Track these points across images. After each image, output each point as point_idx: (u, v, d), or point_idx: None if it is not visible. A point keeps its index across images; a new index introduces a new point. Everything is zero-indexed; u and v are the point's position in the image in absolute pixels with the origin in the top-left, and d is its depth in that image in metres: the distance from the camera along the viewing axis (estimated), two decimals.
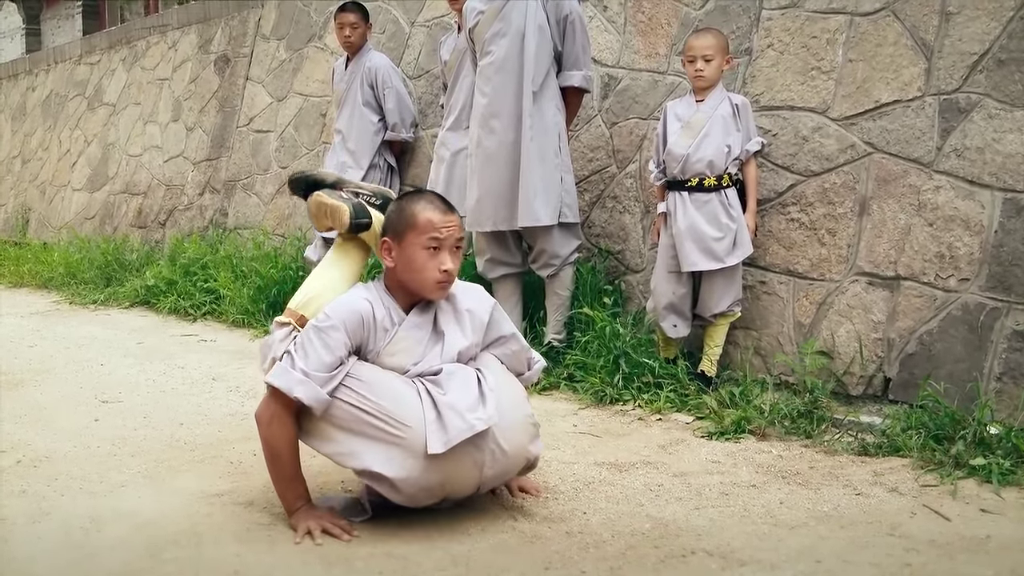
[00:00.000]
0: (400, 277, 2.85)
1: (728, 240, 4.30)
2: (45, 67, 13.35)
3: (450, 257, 2.80)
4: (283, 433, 2.73)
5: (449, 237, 2.79)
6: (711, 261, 4.30)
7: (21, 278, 9.68)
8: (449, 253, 2.80)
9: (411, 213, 2.80)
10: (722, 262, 4.29)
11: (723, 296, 4.36)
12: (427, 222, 2.78)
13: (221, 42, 9.55)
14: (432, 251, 2.78)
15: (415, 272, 2.80)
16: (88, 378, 4.96)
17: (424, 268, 2.78)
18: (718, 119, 4.36)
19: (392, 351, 2.81)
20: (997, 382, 3.70)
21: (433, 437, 2.62)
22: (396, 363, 2.80)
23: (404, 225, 2.81)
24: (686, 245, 4.33)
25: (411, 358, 2.81)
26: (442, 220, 2.79)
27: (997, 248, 3.82)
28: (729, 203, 4.33)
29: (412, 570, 2.48)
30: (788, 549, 2.61)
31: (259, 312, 6.57)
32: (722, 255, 4.29)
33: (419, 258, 2.78)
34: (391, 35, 7.37)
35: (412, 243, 2.78)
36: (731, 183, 4.36)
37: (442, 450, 2.60)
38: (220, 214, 8.87)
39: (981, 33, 4.02)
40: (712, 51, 4.34)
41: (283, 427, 2.72)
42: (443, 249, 2.79)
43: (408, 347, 2.82)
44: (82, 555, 2.57)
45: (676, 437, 3.81)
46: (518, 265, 4.99)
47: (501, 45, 4.77)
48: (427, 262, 2.78)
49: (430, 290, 2.82)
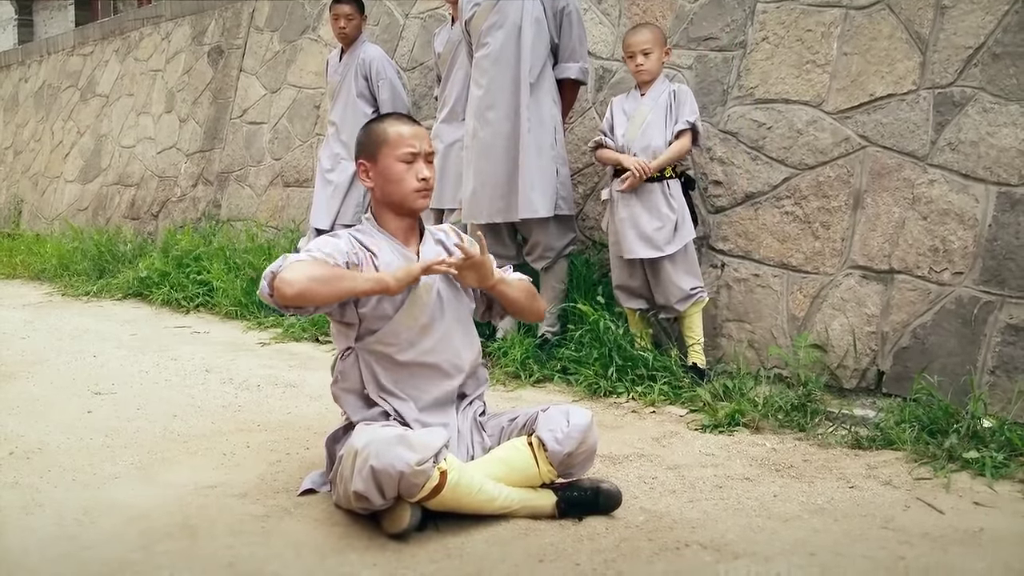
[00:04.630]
0: (381, 196, 2.93)
1: (668, 230, 4.38)
2: (38, 58, 13.29)
3: (426, 167, 2.89)
4: (300, 268, 2.65)
5: (422, 149, 2.89)
6: (650, 250, 4.39)
7: (14, 269, 9.65)
8: (424, 163, 2.89)
9: (381, 131, 2.91)
10: (661, 251, 4.38)
11: (677, 283, 4.40)
12: (398, 135, 2.88)
13: (215, 33, 9.52)
14: (408, 164, 2.87)
15: (394, 184, 2.88)
16: (81, 370, 4.94)
17: (403, 179, 2.88)
18: (659, 110, 4.47)
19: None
20: (990, 375, 3.70)
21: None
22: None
23: (376, 143, 2.90)
24: (627, 234, 4.44)
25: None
26: (412, 132, 2.90)
27: (991, 242, 3.82)
28: (671, 194, 4.42)
29: (407, 561, 2.48)
30: (782, 542, 2.61)
31: (252, 304, 6.56)
32: (661, 244, 4.38)
33: (396, 170, 2.87)
34: (385, 27, 7.35)
35: (387, 157, 2.88)
36: (674, 174, 4.45)
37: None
38: (213, 206, 8.84)
39: (976, 27, 4.02)
40: (650, 45, 4.46)
41: (296, 269, 2.64)
42: (418, 159, 2.88)
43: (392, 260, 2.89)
44: (75, 547, 2.56)
45: (670, 430, 3.81)
46: (512, 257, 4.99)
47: (497, 37, 4.76)
48: (405, 174, 2.87)
49: (412, 199, 2.90)
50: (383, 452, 2.52)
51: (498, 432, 2.97)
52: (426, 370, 2.91)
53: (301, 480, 3.07)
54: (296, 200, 7.86)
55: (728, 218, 4.74)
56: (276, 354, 5.41)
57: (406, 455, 2.51)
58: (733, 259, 4.69)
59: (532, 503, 2.77)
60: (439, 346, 2.93)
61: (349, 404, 2.94)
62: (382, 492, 2.55)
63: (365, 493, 2.55)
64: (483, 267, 2.87)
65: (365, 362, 2.90)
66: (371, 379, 2.89)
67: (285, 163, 8.12)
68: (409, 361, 2.88)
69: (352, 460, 2.60)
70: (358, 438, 2.64)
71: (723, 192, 4.77)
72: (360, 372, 2.91)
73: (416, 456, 2.51)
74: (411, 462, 2.50)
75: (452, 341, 2.96)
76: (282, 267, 2.66)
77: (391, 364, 2.88)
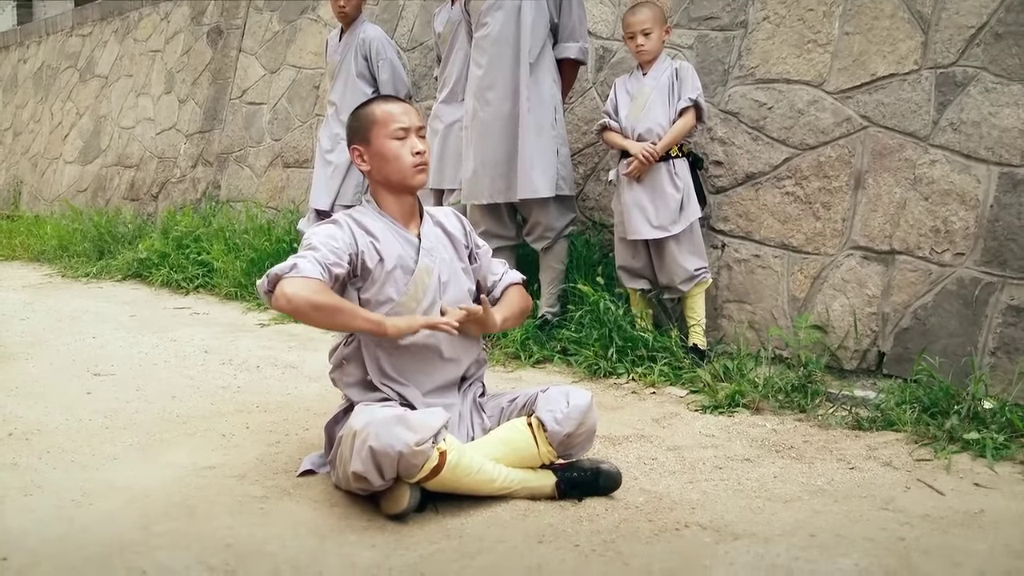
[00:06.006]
0: (379, 177, 2.93)
1: (673, 209, 4.36)
2: (37, 39, 13.24)
3: (419, 141, 2.91)
4: (304, 288, 2.63)
5: (412, 124, 2.90)
6: (655, 230, 4.37)
7: (13, 251, 9.64)
8: (417, 137, 2.91)
9: (369, 113, 2.93)
10: (666, 231, 4.37)
11: (682, 263, 4.38)
12: (386, 114, 2.90)
13: (214, 14, 9.47)
14: (401, 140, 2.88)
15: (391, 163, 2.89)
16: (80, 351, 4.94)
17: (398, 156, 2.88)
18: (662, 89, 4.44)
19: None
20: (991, 357, 3.69)
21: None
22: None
23: (366, 126, 2.91)
24: (632, 214, 4.43)
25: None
26: (400, 108, 2.92)
27: (992, 222, 3.81)
28: (676, 173, 4.40)
29: (405, 542, 2.47)
30: (782, 523, 2.61)
31: (252, 285, 6.54)
32: (666, 224, 4.36)
33: (390, 148, 2.89)
34: (385, 7, 7.32)
35: (379, 137, 2.89)
36: (680, 154, 4.42)
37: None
38: (213, 187, 8.82)
39: (978, 6, 3.99)
40: (649, 24, 4.44)
41: (300, 287, 2.63)
42: (410, 134, 2.89)
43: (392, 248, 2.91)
44: (74, 528, 2.56)
45: (670, 411, 3.80)
46: (512, 238, 4.98)
47: (497, 17, 4.74)
48: (399, 150, 2.89)
49: (410, 176, 2.90)
50: (382, 432, 2.52)
51: (498, 413, 2.97)
52: (428, 353, 2.91)
53: (300, 461, 3.07)
54: (296, 181, 7.84)
55: (729, 198, 4.72)
56: (276, 335, 5.40)
57: (405, 435, 2.50)
58: (734, 240, 4.68)
59: (531, 484, 2.77)
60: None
61: (352, 391, 2.93)
62: (381, 472, 2.54)
63: (364, 473, 2.55)
64: (486, 322, 2.90)
65: (368, 348, 2.89)
66: (374, 365, 2.88)
67: (285, 144, 8.09)
68: (411, 344, 2.87)
69: (351, 441, 2.60)
70: (357, 419, 2.64)
71: (724, 172, 4.75)
72: (363, 358, 2.90)
73: (415, 436, 2.51)
74: (410, 442, 2.49)
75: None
76: (288, 273, 2.65)
77: (393, 349, 2.87)
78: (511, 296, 3.13)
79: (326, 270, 2.71)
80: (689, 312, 4.46)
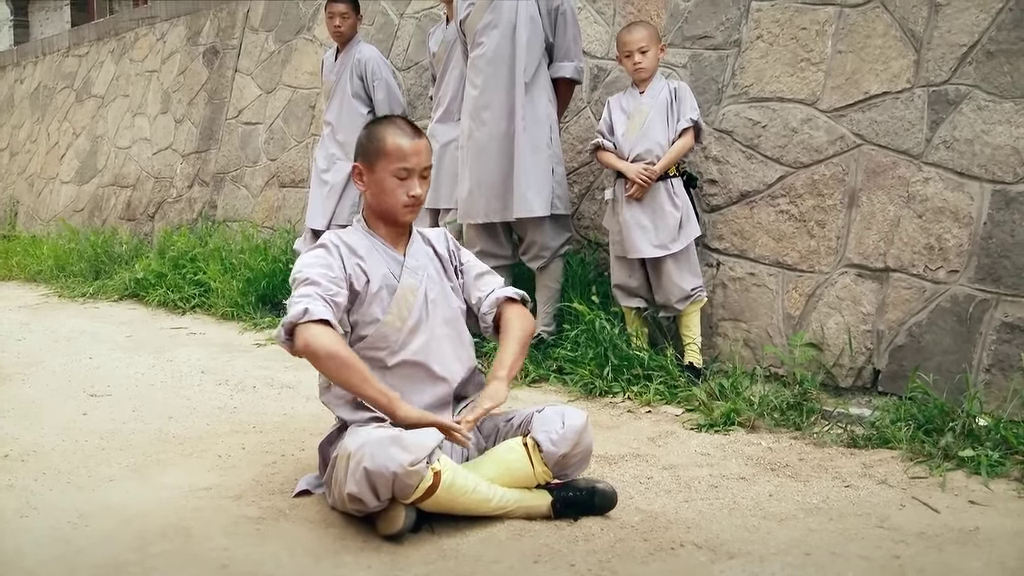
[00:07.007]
0: (372, 201, 2.97)
1: (673, 227, 4.38)
2: (33, 59, 13.28)
3: (419, 183, 2.92)
4: (323, 335, 2.68)
5: (418, 166, 2.90)
6: (655, 248, 4.38)
7: (10, 271, 9.64)
8: (418, 180, 2.92)
9: (380, 138, 2.92)
10: (667, 249, 4.38)
11: (679, 283, 4.39)
12: (396, 149, 2.89)
13: (210, 34, 9.50)
14: (401, 180, 2.90)
15: (385, 195, 2.92)
16: (77, 371, 4.94)
17: (394, 193, 2.91)
18: (660, 107, 4.46)
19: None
20: (986, 374, 3.70)
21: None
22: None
23: (374, 152, 2.91)
24: (632, 233, 4.43)
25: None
26: (411, 147, 2.90)
27: (986, 240, 3.82)
28: (675, 191, 4.42)
29: (401, 563, 2.48)
30: (777, 541, 2.61)
31: (248, 305, 6.56)
32: (667, 242, 4.38)
33: (388, 184, 2.91)
34: (380, 27, 7.35)
35: (383, 170, 2.91)
36: (677, 172, 4.45)
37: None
38: (209, 206, 8.83)
39: (970, 25, 4.01)
40: (646, 43, 4.47)
41: (319, 333, 2.67)
42: (412, 176, 2.90)
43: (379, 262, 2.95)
44: (69, 549, 2.56)
45: (665, 429, 3.81)
46: (508, 257, 4.99)
47: (492, 37, 4.76)
48: (396, 188, 2.91)
49: (400, 213, 2.95)
50: (376, 453, 2.52)
51: (493, 433, 2.97)
52: (417, 371, 2.91)
53: (296, 482, 3.07)
54: (292, 200, 7.86)
55: (723, 217, 4.74)
56: (272, 355, 5.40)
57: (399, 456, 2.50)
58: (728, 258, 4.69)
59: (527, 504, 2.77)
60: (427, 347, 2.93)
61: (343, 411, 2.92)
62: (376, 493, 2.54)
63: (359, 495, 2.55)
64: (500, 400, 2.89)
65: None
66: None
67: (281, 163, 8.11)
68: (399, 363, 2.88)
69: (346, 462, 2.60)
70: (351, 440, 2.64)
71: (718, 191, 4.77)
72: None
73: (409, 457, 2.51)
74: (404, 463, 2.50)
75: (441, 342, 2.97)
76: (302, 319, 2.67)
77: (382, 369, 2.87)
78: (510, 326, 3.03)
79: (333, 306, 2.75)
80: (684, 331, 4.47)
